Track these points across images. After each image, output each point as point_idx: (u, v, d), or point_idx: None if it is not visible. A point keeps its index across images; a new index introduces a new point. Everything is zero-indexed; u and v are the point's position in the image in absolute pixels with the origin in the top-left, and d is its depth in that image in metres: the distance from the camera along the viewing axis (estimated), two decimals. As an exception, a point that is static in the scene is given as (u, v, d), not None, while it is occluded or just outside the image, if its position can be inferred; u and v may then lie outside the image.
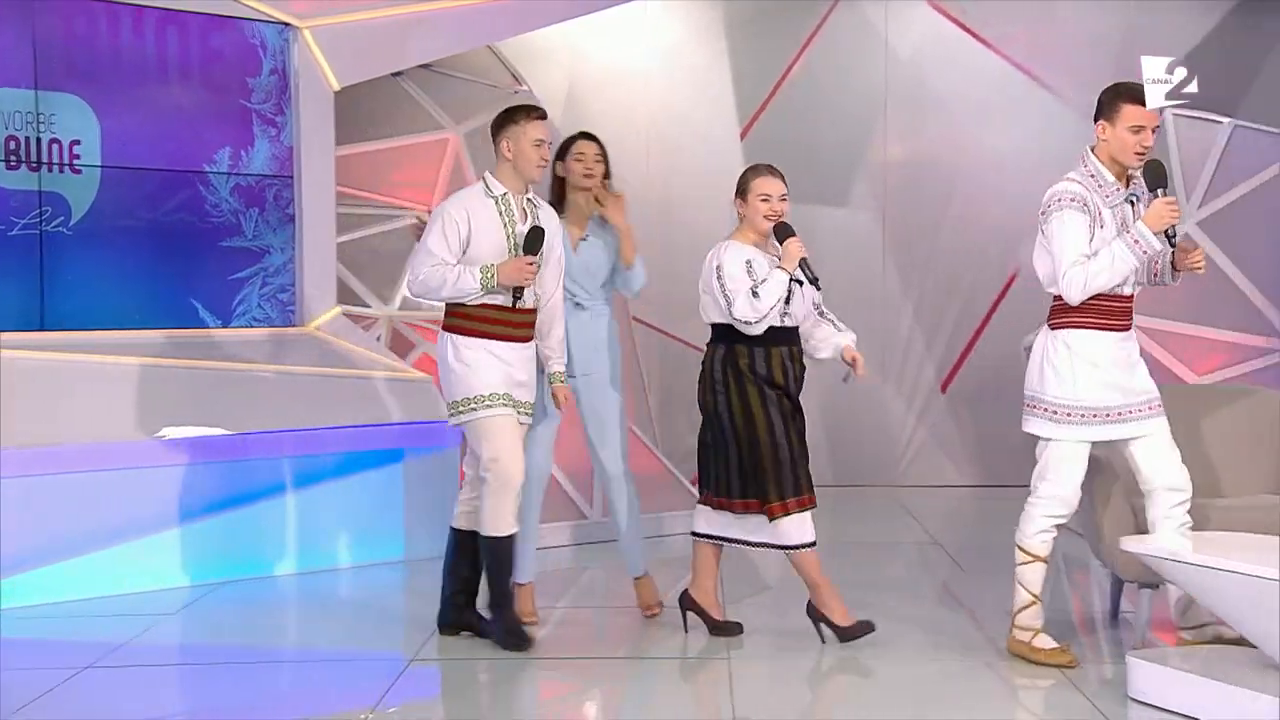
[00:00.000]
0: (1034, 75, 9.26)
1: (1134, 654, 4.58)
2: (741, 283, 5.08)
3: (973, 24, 9.28)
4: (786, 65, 9.39)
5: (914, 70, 9.33)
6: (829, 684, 4.92)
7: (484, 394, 5.04)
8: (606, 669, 5.11)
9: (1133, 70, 9.03)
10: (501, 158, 5.15)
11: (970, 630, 5.52)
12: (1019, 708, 4.63)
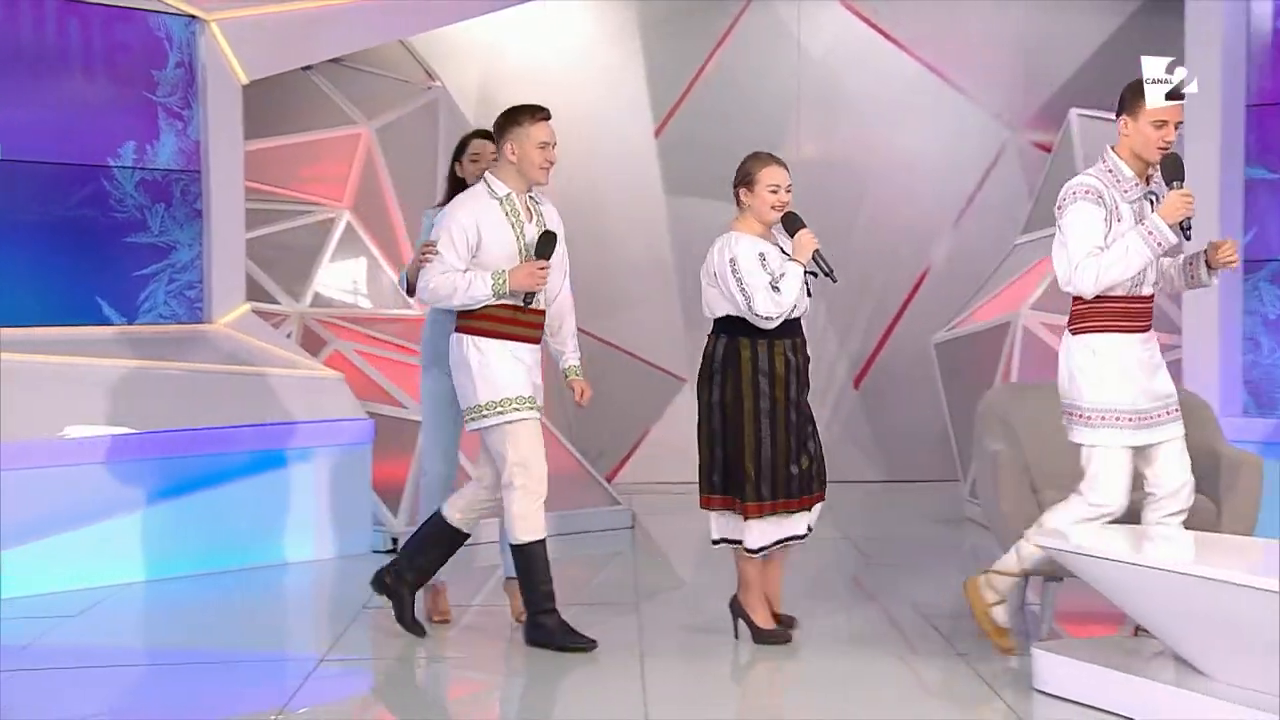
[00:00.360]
0: (945, 76, 9.34)
1: (1039, 646, 4.62)
2: (759, 277, 4.94)
3: (885, 25, 9.34)
4: (700, 65, 9.40)
5: (826, 70, 9.37)
6: (741, 677, 4.90)
7: (510, 397, 4.95)
8: (517, 666, 5.07)
9: (1041, 72, 9.23)
10: (505, 159, 5.05)
11: (879, 622, 5.55)
12: (927, 698, 4.65)
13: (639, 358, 9.44)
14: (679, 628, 5.44)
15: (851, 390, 9.48)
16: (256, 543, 6.66)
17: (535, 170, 5.02)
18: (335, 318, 7.77)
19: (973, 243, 9.27)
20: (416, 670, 5.12)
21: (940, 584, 6.34)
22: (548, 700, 4.77)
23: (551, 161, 5.06)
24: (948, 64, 9.32)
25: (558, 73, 9.32)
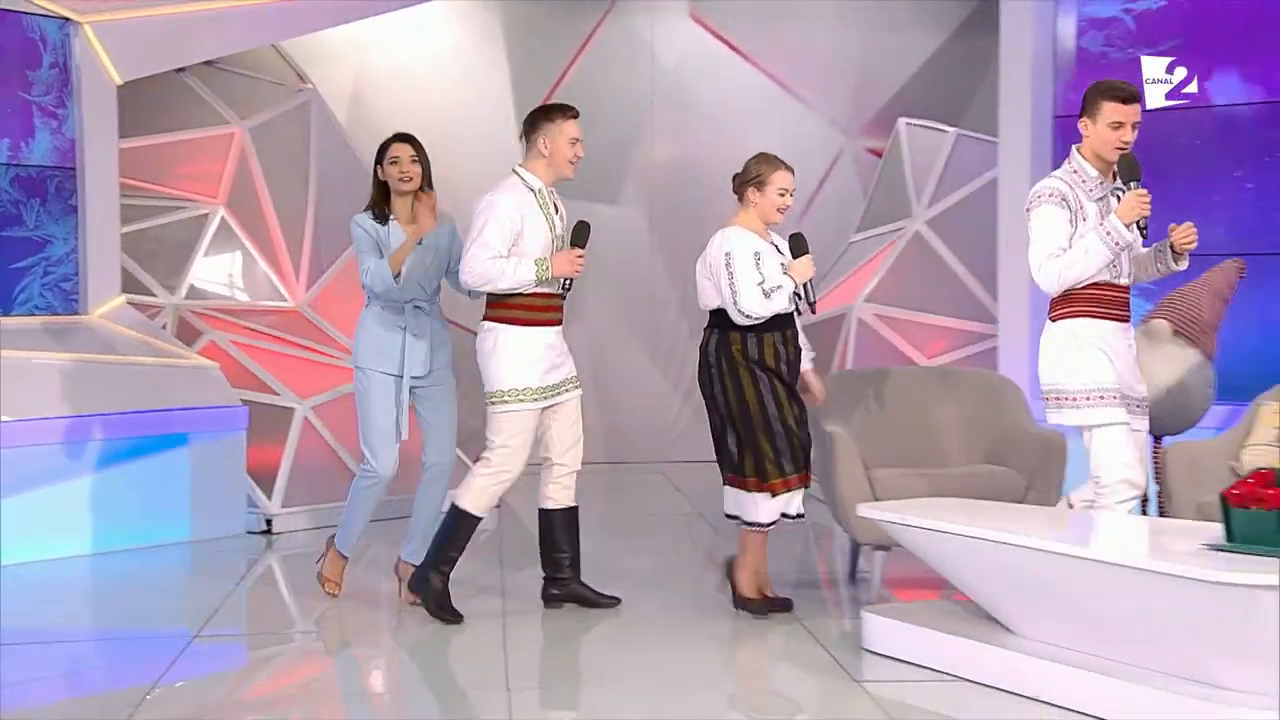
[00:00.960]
0: (787, 87, 9.46)
1: (868, 609, 4.71)
2: (750, 276, 4.87)
3: (732, 38, 9.43)
4: (561, 70, 9.39)
5: (678, 79, 9.43)
6: (599, 641, 4.90)
7: (517, 388, 4.96)
8: (389, 639, 5.03)
9: (873, 85, 9.40)
10: (536, 153, 5.02)
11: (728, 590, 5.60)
12: (770, 656, 4.71)
13: (504, 347, 9.38)
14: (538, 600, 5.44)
15: (702, 376, 9.55)
16: (135, 525, 6.50)
17: (565, 164, 5.01)
18: (210, 309, 7.61)
19: (812, 239, 9.25)
20: (285, 645, 5.05)
21: (783, 555, 6.42)
22: (415, 668, 4.74)
23: (580, 156, 5.03)
24: (790, 76, 9.44)
25: (426, 76, 9.24)
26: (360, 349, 5.19)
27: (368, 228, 5.11)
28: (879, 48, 9.37)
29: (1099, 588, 3.87)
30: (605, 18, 9.38)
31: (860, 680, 4.29)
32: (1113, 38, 6.85)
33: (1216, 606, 3.57)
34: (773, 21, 9.39)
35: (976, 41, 9.03)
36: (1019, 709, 3.96)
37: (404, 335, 5.14)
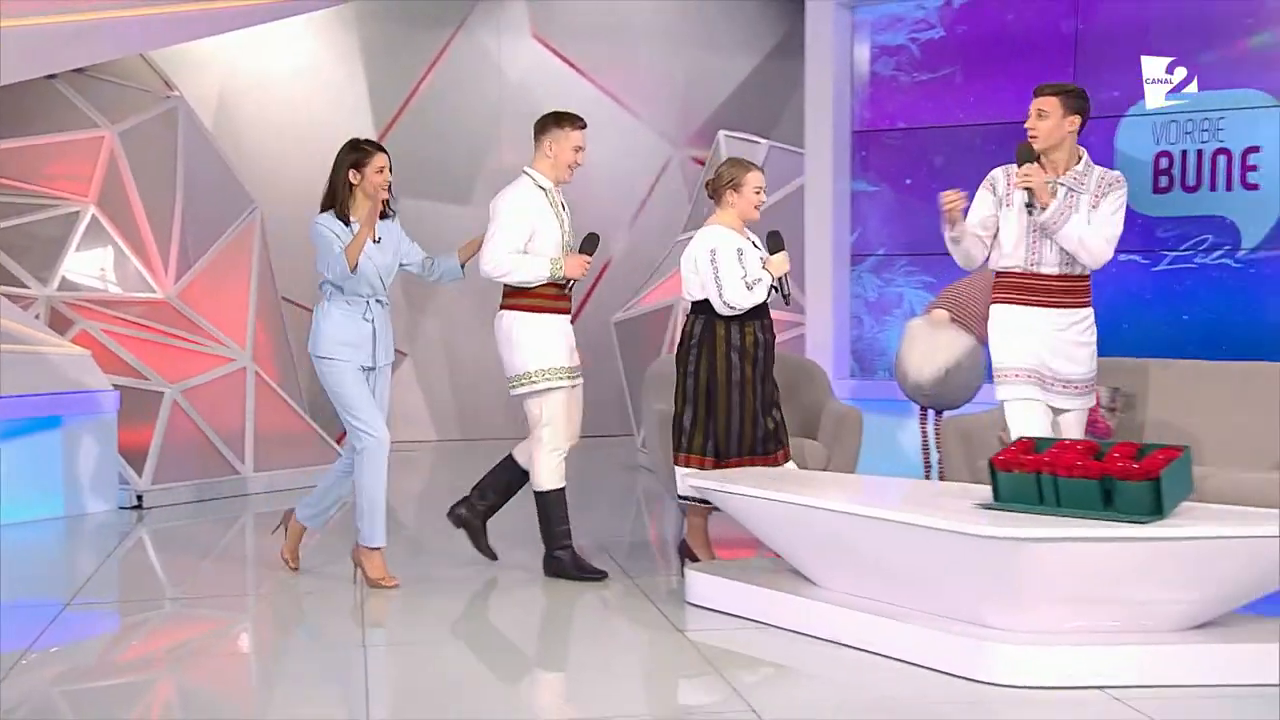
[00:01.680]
0: (621, 101, 9.50)
1: (691, 567, 4.78)
2: (734, 270, 4.82)
3: (571, 57, 9.43)
4: (415, 83, 9.26)
5: (524, 92, 9.39)
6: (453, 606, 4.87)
7: (545, 368, 4.93)
8: (254, 606, 4.93)
9: (697, 101, 9.49)
10: (542, 154, 4.99)
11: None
12: (605, 611, 4.72)
13: (364, 335, 9.25)
14: (398, 568, 5.37)
15: (546, 361, 9.55)
16: (11, 502, 6.21)
17: (565, 169, 4.98)
18: (82, 300, 7.31)
19: (644, 239, 9.48)
20: (159, 611, 4.90)
21: (618, 520, 6.50)
22: (273, 633, 4.64)
23: (580, 164, 5.02)
24: (623, 91, 9.49)
25: (288, 86, 9.03)
26: (324, 341, 4.91)
27: (335, 229, 4.86)
28: (702, 67, 9.49)
29: (886, 543, 4.00)
30: (455, 36, 9.29)
31: (684, 630, 4.35)
32: (901, 63, 7.06)
33: (985, 557, 3.73)
34: (607, 42, 9.44)
35: (786, 64, 9.22)
36: (819, 650, 4.07)
37: (371, 328, 4.95)
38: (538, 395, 4.96)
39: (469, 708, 3.66)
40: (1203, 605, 3.73)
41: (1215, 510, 3.97)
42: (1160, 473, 3.72)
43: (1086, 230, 4.38)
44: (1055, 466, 3.87)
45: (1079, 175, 4.43)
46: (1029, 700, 3.55)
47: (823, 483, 4.72)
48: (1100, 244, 4.40)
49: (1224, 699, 3.55)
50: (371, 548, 4.94)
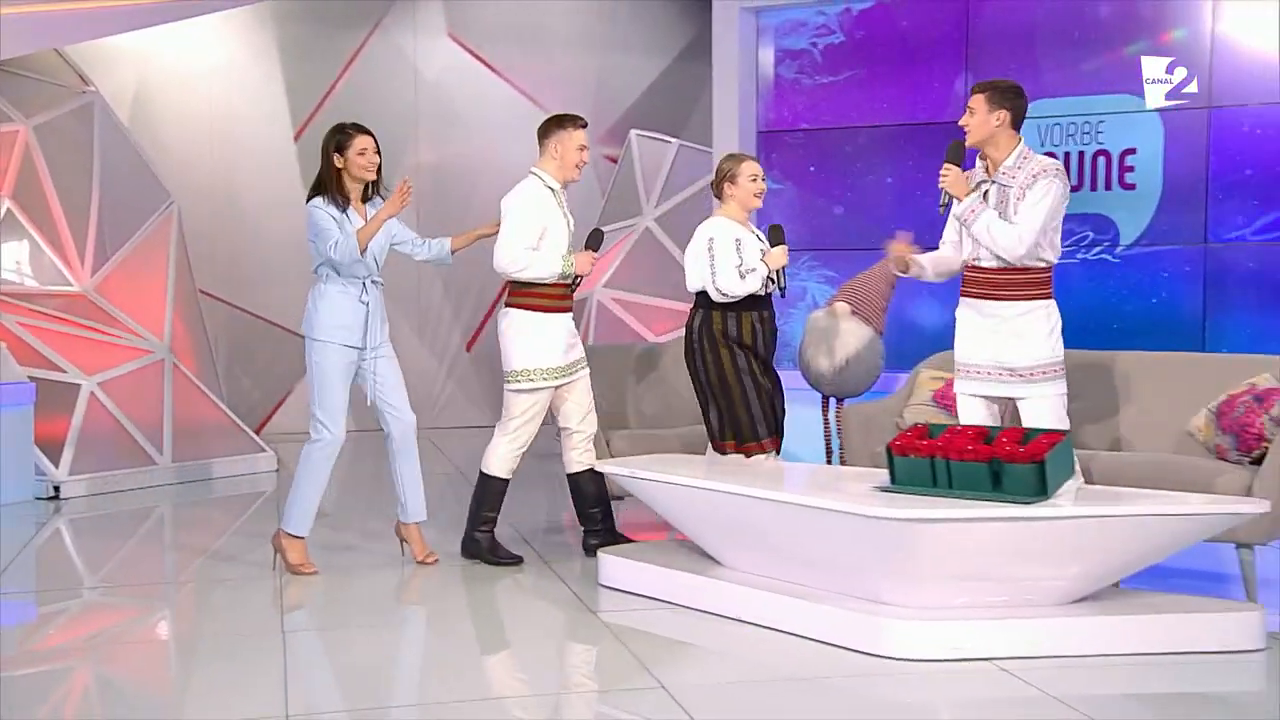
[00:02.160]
0: (535, 100, 9.45)
1: (603, 550, 4.78)
2: (729, 259, 4.78)
3: (486, 56, 9.36)
4: (331, 82, 9.13)
5: (440, 91, 9.30)
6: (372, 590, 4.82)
7: (539, 368, 4.92)
8: (169, 599, 4.82)
9: (609, 100, 9.48)
10: (549, 156, 4.96)
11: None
12: (522, 593, 4.72)
13: (283, 327, 9.11)
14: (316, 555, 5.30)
15: (464, 352, 9.49)
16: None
17: (572, 168, 4.96)
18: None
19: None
20: (77, 600, 4.77)
21: (533, 506, 6.47)
22: (192, 621, 4.55)
23: (585, 163, 4.98)
24: (537, 90, 9.44)
25: (206, 82, 8.83)
26: (320, 323, 4.83)
27: (331, 212, 4.78)
28: (613, 68, 9.49)
29: (789, 525, 4.05)
30: (371, 36, 9.16)
31: (596, 611, 4.36)
32: (804, 66, 7.13)
33: (881, 537, 3.79)
34: (521, 43, 9.39)
35: (694, 66, 9.26)
36: (725, 628, 4.11)
37: (366, 310, 4.85)
38: (524, 393, 4.96)
39: (387, 691, 3.63)
40: (1084, 580, 3.84)
41: (1095, 490, 4.09)
42: (1044, 456, 3.82)
43: (996, 225, 4.28)
44: (947, 451, 3.95)
45: (1008, 170, 4.33)
46: (922, 672, 3.62)
47: (728, 468, 4.75)
48: (1008, 238, 4.25)
49: (1104, 668, 3.65)
50: (295, 535, 4.87)
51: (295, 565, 4.86)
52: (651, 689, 3.54)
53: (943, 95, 6.85)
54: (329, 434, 4.85)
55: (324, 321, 4.81)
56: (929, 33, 6.86)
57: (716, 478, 4.36)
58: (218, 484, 7.01)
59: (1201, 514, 3.79)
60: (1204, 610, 3.87)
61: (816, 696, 3.51)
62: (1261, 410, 4.39)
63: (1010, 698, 3.45)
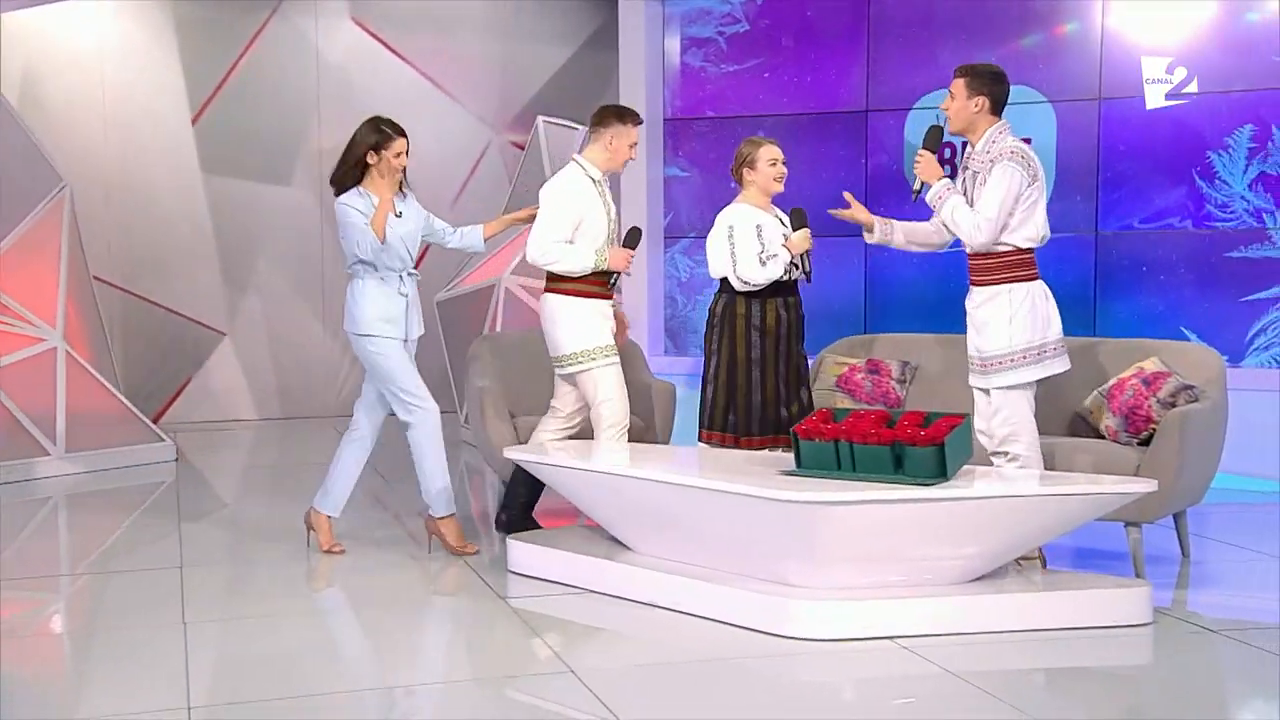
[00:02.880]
0: (440, 86, 9.35)
1: (511, 537, 4.77)
2: (750, 246, 4.71)
3: (389, 40, 9.22)
4: (231, 64, 8.91)
5: (342, 74, 9.14)
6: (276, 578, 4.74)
7: (593, 347, 4.89)
8: (64, 591, 4.69)
9: (516, 87, 9.41)
10: (601, 146, 4.93)
11: (398, 530, 5.55)
12: (430, 583, 4.69)
13: (182, 314, 8.90)
14: (218, 546, 5.20)
15: (369, 340, 9.36)
16: None
17: (620, 163, 4.97)
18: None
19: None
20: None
21: (439, 494, 6.42)
22: (89, 613, 4.43)
23: (633, 159, 5.00)
24: (442, 76, 9.34)
25: (101, 63, 8.55)
26: (363, 318, 4.81)
27: (361, 208, 4.76)
28: (519, 54, 9.44)
29: (697, 509, 4.08)
30: (271, 17, 8.96)
31: (506, 597, 4.35)
32: (710, 55, 7.16)
33: (786, 520, 3.84)
34: (425, 28, 9.28)
35: (601, 53, 9.24)
36: (634, 612, 4.13)
37: (405, 302, 4.85)
38: (588, 374, 4.92)
39: (292, 681, 3.58)
40: (981, 559, 3.94)
41: (992, 472, 4.19)
42: (944, 439, 3.90)
43: (960, 211, 4.25)
44: (851, 435, 4.02)
45: (978, 156, 4.29)
46: (827, 652, 3.68)
47: (638, 453, 4.77)
48: (967, 226, 4.23)
49: (1000, 644, 3.76)
50: (441, 516, 4.93)
51: (458, 547, 4.91)
52: (560, 674, 3.55)
53: (845, 84, 6.94)
54: (423, 410, 4.90)
55: (367, 316, 4.82)
56: (832, 22, 6.94)
57: (625, 463, 4.38)
58: (114, 474, 6.83)
59: (1093, 494, 3.91)
60: (1094, 587, 4.00)
61: (724, 678, 3.55)
62: (1149, 393, 4.54)
63: (911, 674, 3.53)
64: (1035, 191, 4.24)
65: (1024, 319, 4.23)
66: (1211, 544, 4.94)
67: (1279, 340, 6.14)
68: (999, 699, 3.32)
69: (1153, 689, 3.57)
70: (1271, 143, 6.11)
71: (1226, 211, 6.24)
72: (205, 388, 8.97)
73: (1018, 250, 4.25)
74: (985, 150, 4.29)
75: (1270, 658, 3.62)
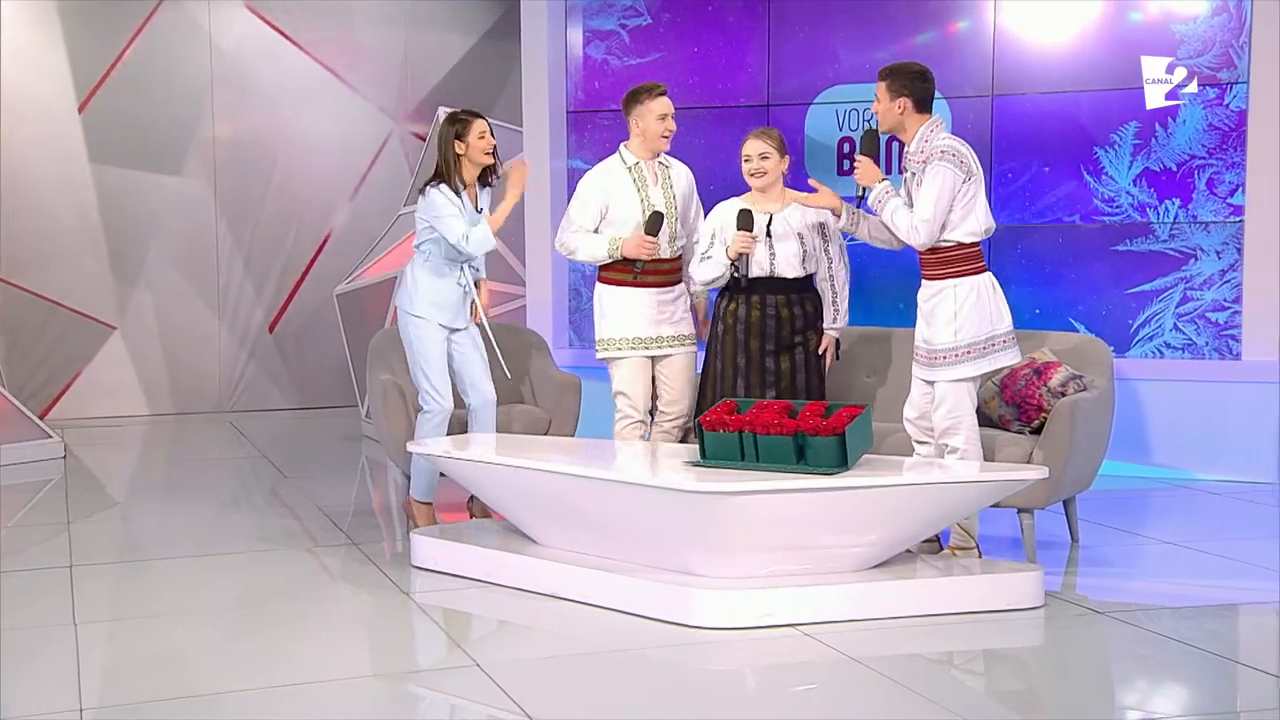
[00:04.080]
0: (339, 75, 9.20)
1: (416, 531, 4.73)
2: (703, 245, 4.75)
3: (285, 28, 9.04)
4: (119, 51, 8.65)
5: (236, 63, 8.94)
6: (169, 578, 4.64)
7: (618, 338, 4.85)
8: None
9: (417, 77, 9.31)
10: (633, 131, 4.86)
11: (293, 523, 5.46)
12: (330, 579, 4.63)
13: (70, 308, 8.63)
14: (111, 543, 5.06)
15: (267, 334, 9.19)
16: None
17: (656, 139, 4.83)
18: None
19: (366, 212, 9.24)
20: None
21: (342, 489, 6.35)
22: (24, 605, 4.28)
23: (672, 130, 4.84)
24: (341, 65, 9.19)
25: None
26: (419, 300, 4.89)
27: (451, 198, 4.82)
28: (419, 44, 9.34)
29: (602, 501, 4.09)
30: (161, 4, 8.73)
31: (409, 593, 4.31)
32: (612, 48, 7.17)
33: (690, 511, 3.88)
34: (323, 16, 9.12)
35: (503, 44, 9.18)
36: (540, 605, 4.13)
37: (462, 290, 4.94)
38: (612, 362, 4.90)
39: (190, 680, 3.51)
40: (881, 547, 4.02)
41: (891, 461, 4.28)
42: (845, 429, 3.97)
43: (899, 214, 4.29)
44: (755, 425, 4.06)
45: (912, 156, 4.33)
46: (731, 640, 3.73)
47: (543, 446, 4.76)
48: (905, 227, 4.27)
49: (899, 629, 3.84)
50: (423, 501, 5.00)
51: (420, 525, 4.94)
52: (465, 667, 3.53)
53: (747, 78, 7.01)
54: (438, 404, 4.91)
55: (423, 299, 4.89)
56: (734, 17, 7.00)
57: (531, 456, 4.37)
58: (14, 469, 6.61)
59: (986, 481, 4.02)
60: (989, 572, 4.11)
61: (629, 668, 3.57)
62: (1040, 383, 4.68)
63: (813, 661, 3.59)
64: (972, 187, 4.27)
65: (969, 314, 4.27)
66: (1100, 529, 5.12)
67: (1162, 331, 6.37)
68: (898, 683, 3.39)
69: (1044, 670, 3.69)
70: (1154, 139, 6.33)
71: (1113, 206, 6.45)
72: (94, 383, 8.71)
73: (960, 245, 4.29)
74: (919, 150, 4.33)
75: (1155, 638, 3.76)
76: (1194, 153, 6.28)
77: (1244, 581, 4.42)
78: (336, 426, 8.25)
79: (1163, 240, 6.36)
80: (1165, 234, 6.35)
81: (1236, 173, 6.20)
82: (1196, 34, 6.25)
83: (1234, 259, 6.23)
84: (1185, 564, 4.66)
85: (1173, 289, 6.35)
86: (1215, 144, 6.25)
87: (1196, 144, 6.28)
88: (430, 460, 4.72)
